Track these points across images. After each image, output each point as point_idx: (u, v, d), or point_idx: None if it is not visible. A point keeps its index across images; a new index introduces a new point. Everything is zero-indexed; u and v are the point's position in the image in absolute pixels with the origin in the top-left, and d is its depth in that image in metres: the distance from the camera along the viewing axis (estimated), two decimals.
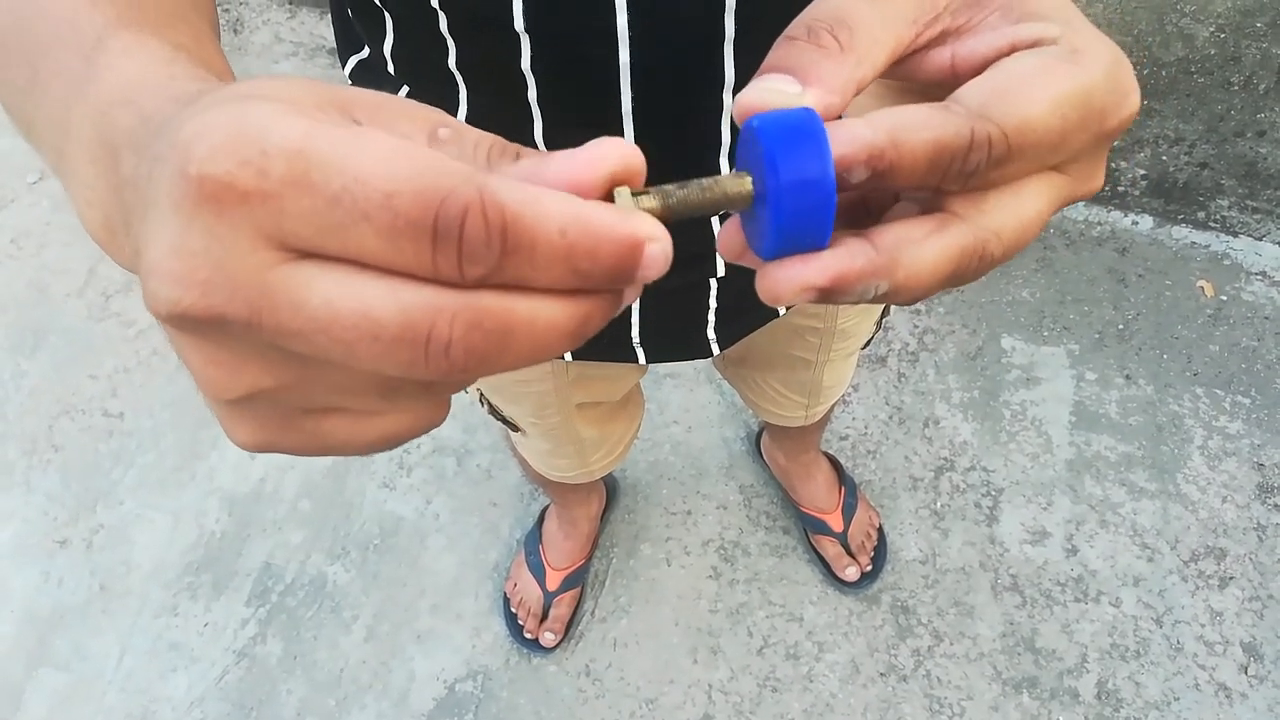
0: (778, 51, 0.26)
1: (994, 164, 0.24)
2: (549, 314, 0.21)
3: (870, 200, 0.30)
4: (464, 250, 0.19)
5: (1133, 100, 0.26)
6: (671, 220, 0.24)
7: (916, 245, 0.24)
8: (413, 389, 0.23)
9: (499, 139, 0.23)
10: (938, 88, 0.29)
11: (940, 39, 0.27)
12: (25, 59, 0.32)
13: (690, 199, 0.24)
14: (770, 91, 0.25)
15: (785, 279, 0.24)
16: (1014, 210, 0.26)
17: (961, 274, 0.26)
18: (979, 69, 0.26)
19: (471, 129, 0.23)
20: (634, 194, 0.23)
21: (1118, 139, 0.27)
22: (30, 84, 0.31)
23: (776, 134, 0.23)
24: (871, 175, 0.24)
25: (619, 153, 0.22)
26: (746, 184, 0.25)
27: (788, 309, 0.82)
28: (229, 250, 0.20)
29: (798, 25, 0.26)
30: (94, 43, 0.29)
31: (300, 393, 0.23)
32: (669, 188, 0.24)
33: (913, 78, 0.28)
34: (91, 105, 0.27)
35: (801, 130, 0.24)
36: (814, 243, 0.24)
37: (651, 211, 0.24)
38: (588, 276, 0.21)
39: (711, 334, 0.76)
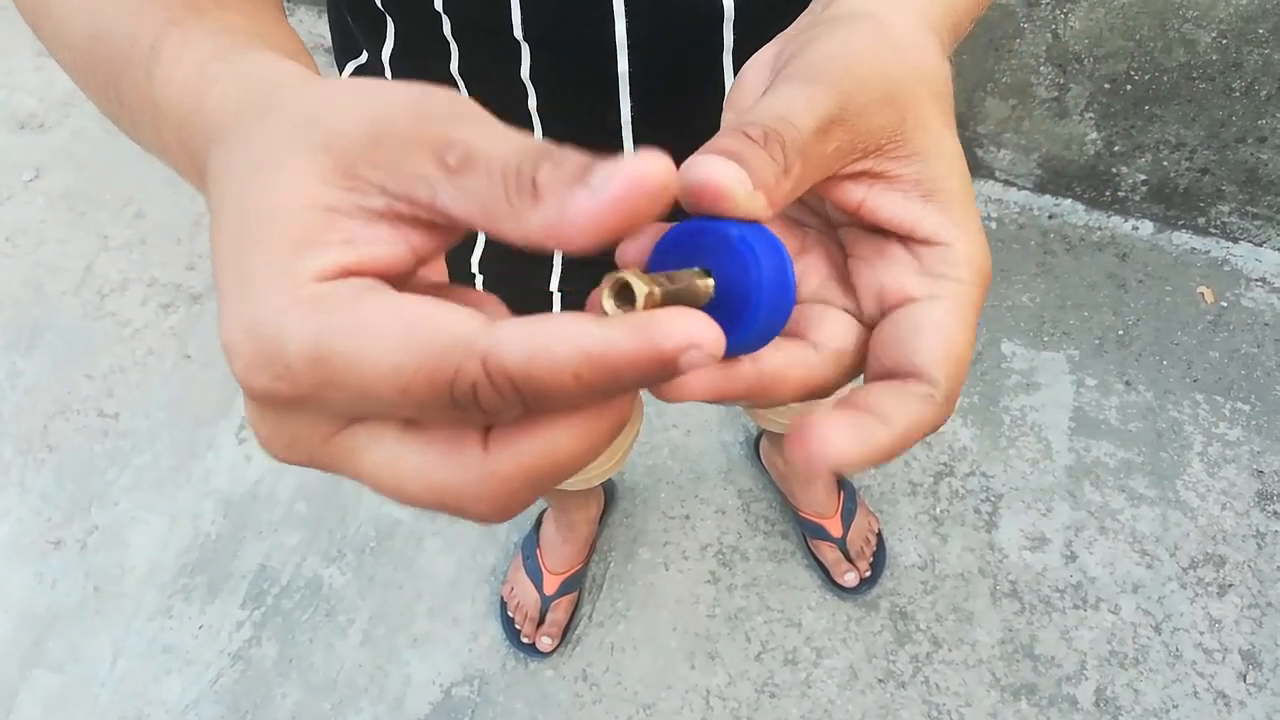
0: (732, 141, 0.26)
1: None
2: (581, 438, 0.22)
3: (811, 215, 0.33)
4: (487, 411, 0.21)
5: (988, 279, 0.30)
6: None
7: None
8: None
9: (512, 154, 0.22)
10: (835, 210, 0.31)
11: (854, 178, 0.28)
12: (108, 84, 0.33)
13: (670, 291, 0.24)
14: (733, 175, 0.25)
15: (816, 455, 0.25)
16: None
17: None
18: (879, 226, 0.29)
19: (482, 146, 0.22)
20: (622, 286, 0.23)
21: None
22: (119, 107, 0.33)
23: (757, 239, 0.25)
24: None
25: (645, 177, 0.21)
26: (710, 285, 0.25)
27: None
28: (295, 430, 0.23)
29: (754, 125, 0.26)
30: (149, 55, 0.30)
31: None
32: (660, 279, 0.24)
33: (821, 194, 0.29)
34: (168, 129, 0.29)
35: (773, 240, 0.25)
36: (750, 350, 0.26)
37: (654, 303, 0.23)
38: (620, 391, 0.21)
39: None
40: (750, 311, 0.25)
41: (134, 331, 1.80)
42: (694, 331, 0.21)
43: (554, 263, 0.64)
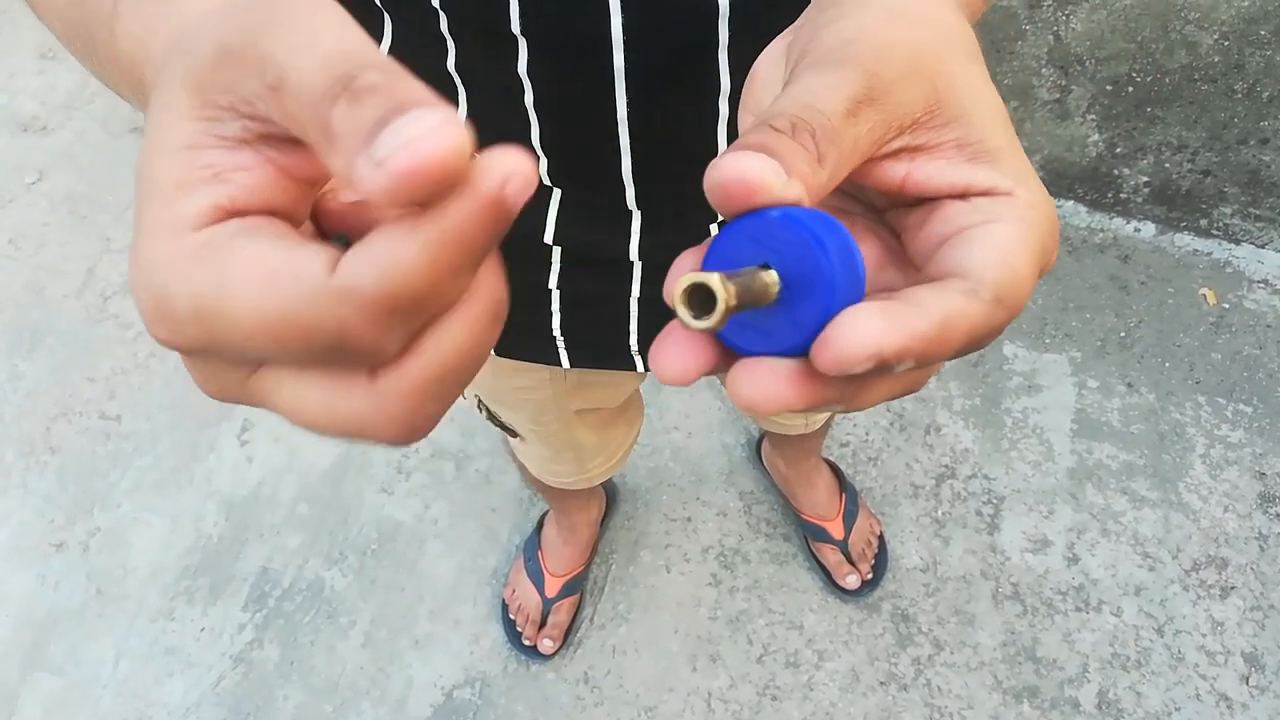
0: (759, 136, 0.25)
1: (994, 339, 0.25)
2: (465, 337, 0.22)
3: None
4: (366, 347, 0.21)
5: (1058, 246, 0.27)
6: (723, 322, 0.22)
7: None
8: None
9: (316, 81, 0.21)
10: (877, 195, 0.29)
11: (895, 155, 0.27)
12: (89, 48, 0.33)
13: (740, 295, 0.23)
14: (762, 164, 0.24)
15: (849, 347, 0.22)
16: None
17: (893, 399, 0.27)
18: (928, 196, 0.27)
19: (289, 65, 0.21)
20: (694, 291, 0.22)
21: None
22: (100, 69, 0.33)
23: (823, 229, 0.23)
24: (912, 364, 0.23)
25: (428, 160, 0.19)
26: (774, 277, 0.24)
27: None
28: (216, 372, 0.24)
29: (780, 117, 0.25)
30: (111, 10, 0.30)
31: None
32: (731, 283, 0.23)
33: (859, 181, 0.28)
34: (130, 86, 0.29)
35: (836, 227, 0.24)
36: None
37: (728, 309, 0.22)
38: (480, 252, 0.21)
39: None
40: (824, 291, 0.23)
41: (136, 334, 1.80)
42: (505, 163, 0.21)
43: (552, 259, 0.63)
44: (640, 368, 0.76)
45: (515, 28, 0.48)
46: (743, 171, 0.24)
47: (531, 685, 1.45)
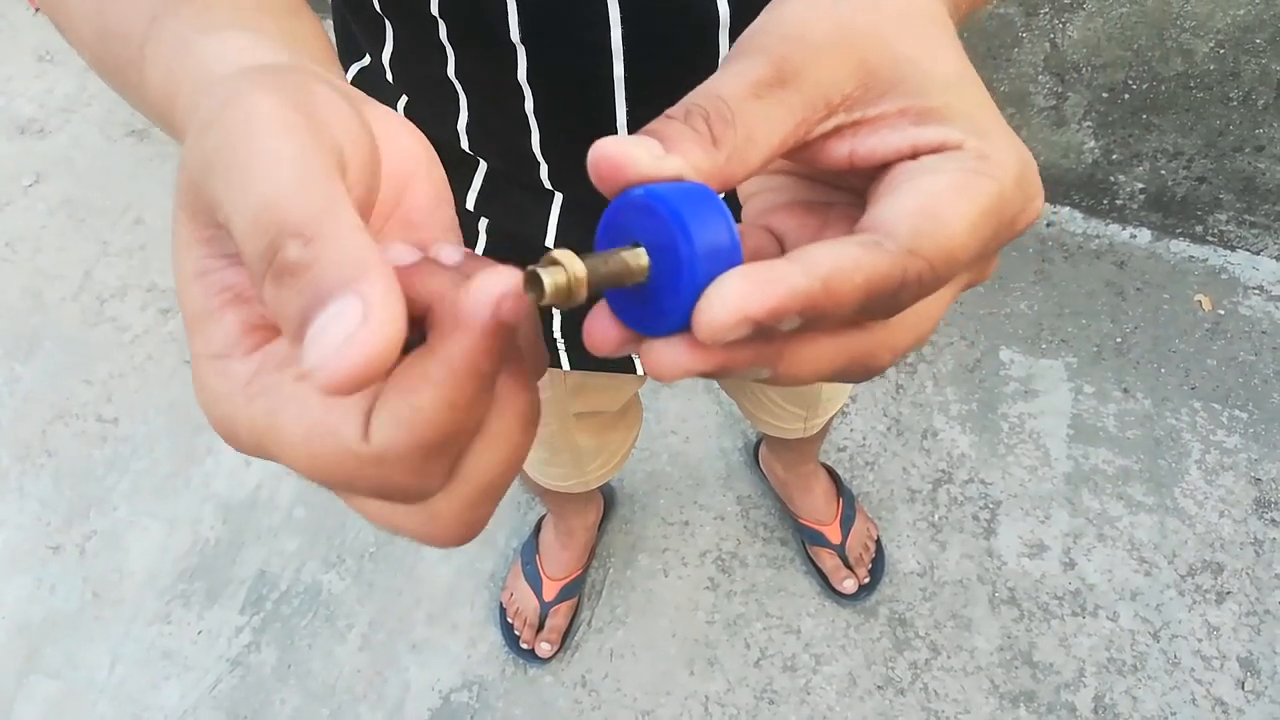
0: (652, 124, 0.25)
1: (919, 296, 0.24)
2: (501, 452, 0.24)
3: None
4: (413, 493, 0.22)
5: (1038, 203, 0.26)
6: (578, 299, 0.23)
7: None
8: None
9: (247, 241, 0.21)
10: (831, 175, 0.29)
11: (836, 133, 0.26)
12: (122, 83, 0.34)
13: (596, 273, 0.23)
14: (635, 143, 0.23)
15: (716, 317, 0.22)
16: (914, 327, 0.26)
17: (846, 378, 0.26)
18: (878, 166, 0.26)
19: (229, 215, 0.21)
20: (540, 268, 0.22)
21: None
22: (138, 103, 0.33)
23: (681, 202, 0.23)
24: (799, 320, 0.22)
25: (354, 370, 0.19)
26: (642, 258, 0.23)
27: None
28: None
29: (678, 107, 0.25)
30: (139, 58, 0.31)
31: None
32: (574, 260, 0.23)
33: (808, 165, 0.28)
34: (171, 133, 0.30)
35: (703, 198, 0.23)
36: None
37: (559, 289, 0.22)
38: (488, 380, 0.22)
39: None
40: (685, 266, 0.22)
41: (133, 337, 1.80)
42: (494, 288, 0.21)
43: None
44: (640, 371, 0.76)
45: (515, 36, 0.48)
46: (614, 149, 0.23)
47: (529, 689, 1.45)
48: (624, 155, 0.23)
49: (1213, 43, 1.48)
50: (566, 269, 0.22)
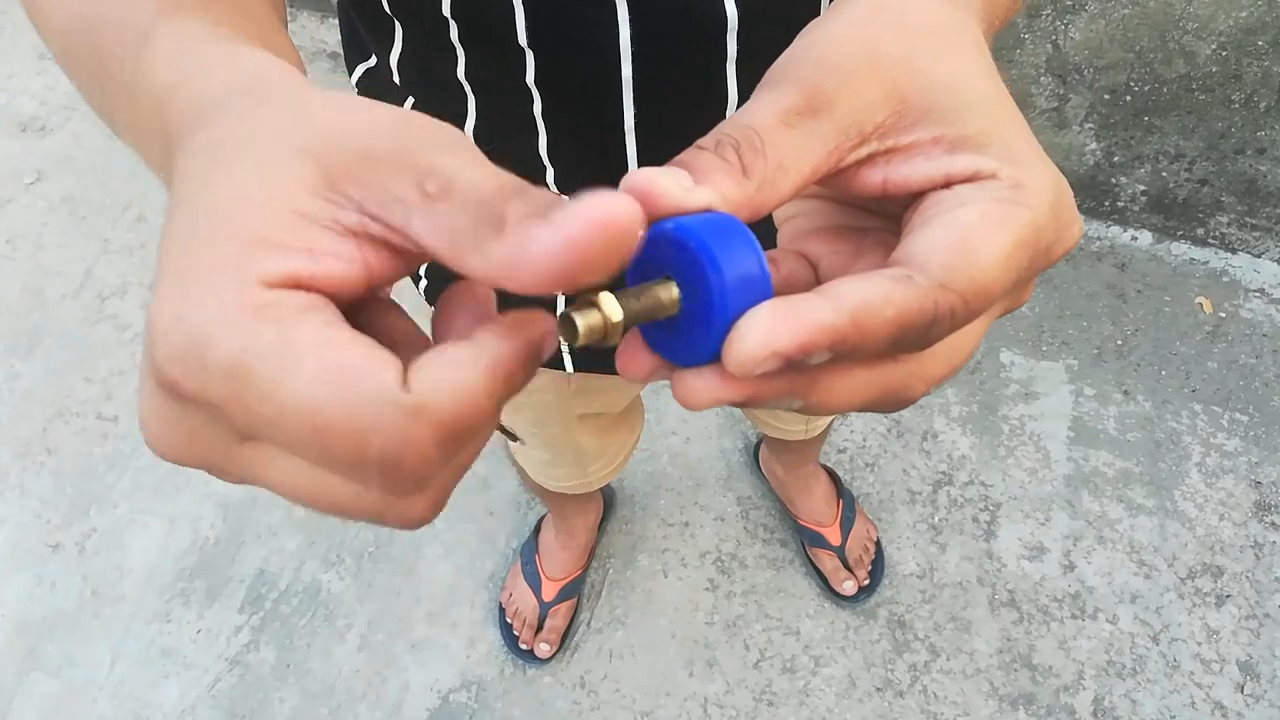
0: (683, 154, 0.25)
1: (952, 330, 0.24)
2: (477, 448, 0.24)
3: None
4: (424, 470, 0.21)
5: (1075, 230, 0.26)
6: (612, 341, 0.23)
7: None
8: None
9: (487, 188, 0.22)
10: (866, 201, 0.29)
11: (869, 161, 0.26)
12: (95, 71, 0.33)
13: (630, 310, 0.23)
14: (665, 174, 0.24)
15: (745, 351, 0.22)
16: (946, 359, 0.26)
17: (878, 408, 0.26)
18: (912, 195, 0.26)
19: (461, 176, 0.22)
20: (574, 311, 0.23)
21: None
22: (100, 93, 0.33)
23: (710, 235, 0.23)
24: (830, 355, 0.23)
25: (607, 219, 0.20)
26: (673, 291, 0.24)
27: None
28: (198, 429, 0.22)
29: (708, 137, 0.25)
30: (137, 40, 0.30)
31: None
32: (612, 302, 0.23)
33: (841, 193, 0.28)
34: (147, 103, 0.28)
35: (731, 230, 0.23)
36: None
37: (594, 331, 0.23)
38: (516, 389, 0.23)
39: None
40: (716, 298, 0.23)
41: (134, 335, 1.80)
42: (547, 322, 0.22)
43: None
44: None
45: (522, 40, 0.48)
46: (644, 181, 0.23)
47: (528, 689, 1.45)
48: (654, 187, 0.23)
49: (1215, 45, 1.48)
50: (602, 311, 0.23)
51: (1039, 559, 1.51)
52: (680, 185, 0.24)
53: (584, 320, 0.23)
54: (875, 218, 0.30)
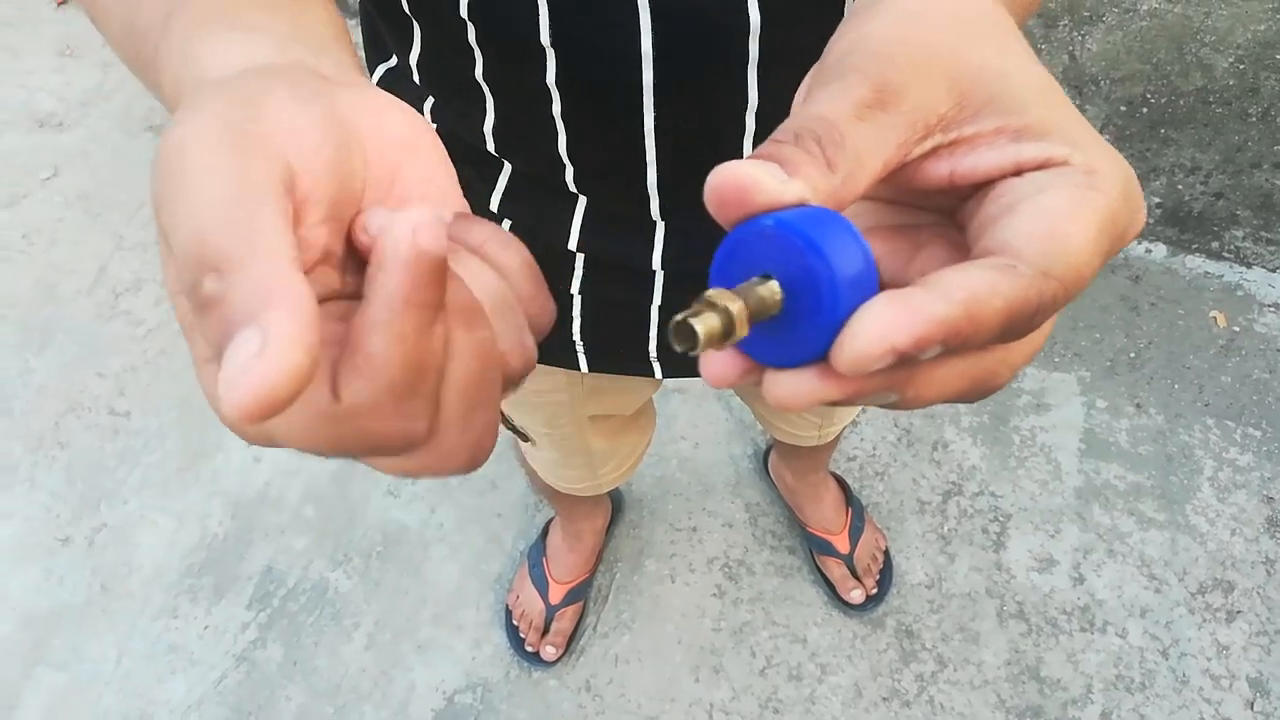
0: (763, 148, 0.25)
1: (1051, 314, 0.24)
2: (475, 366, 0.25)
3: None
4: (399, 439, 0.23)
5: (1142, 215, 0.26)
6: (734, 342, 0.23)
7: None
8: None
9: (179, 267, 0.22)
10: (919, 195, 0.29)
11: (934, 154, 0.26)
12: (145, 77, 0.35)
13: (748, 310, 0.23)
14: (757, 167, 0.23)
15: (861, 349, 0.22)
16: (1030, 344, 0.26)
17: (967, 398, 0.26)
18: (979, 184, 0.26)
19: (175, 239, 0.22)
20: (691, 317, 0.22)
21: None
22: (150, 85, 0.34)
23: (817, 231, 0.22)
24: (940, 349, 0.23)
25: (267, 388, 0.20)
26: (776, 291, 0.23)
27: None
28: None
29: (785, 130, 0.25)
30: (153, 55, 0.31)
31: None
32: (733, 299, 0.22)
33: (905, 186, 0.28)
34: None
35: (835, 225, 0.23)
36: None
37: (714, 335, 0.22)
38: (436, 297, 0.23)
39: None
40: (825, 294, 0.22)
41: (147, 331, 1.81)
42: (406, 221, 0.22)
43: (575, 266, 0.63)
44: (658, 374, 0.76)
45: (545, 39, 0.48)
46: (737, 175, 0.23)
47: (533, 692, 1.45)
48: (750, 180, 0.23)
49: (1232, 58, 1.47)
50: (724, 314, 0.22)
51: (1048, 571, 1.51)
52: (776, 179, 0.23)
53: (704, 325, 0.22)
54: (926, 213, 0.30)
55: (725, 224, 0.24)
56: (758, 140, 0.54)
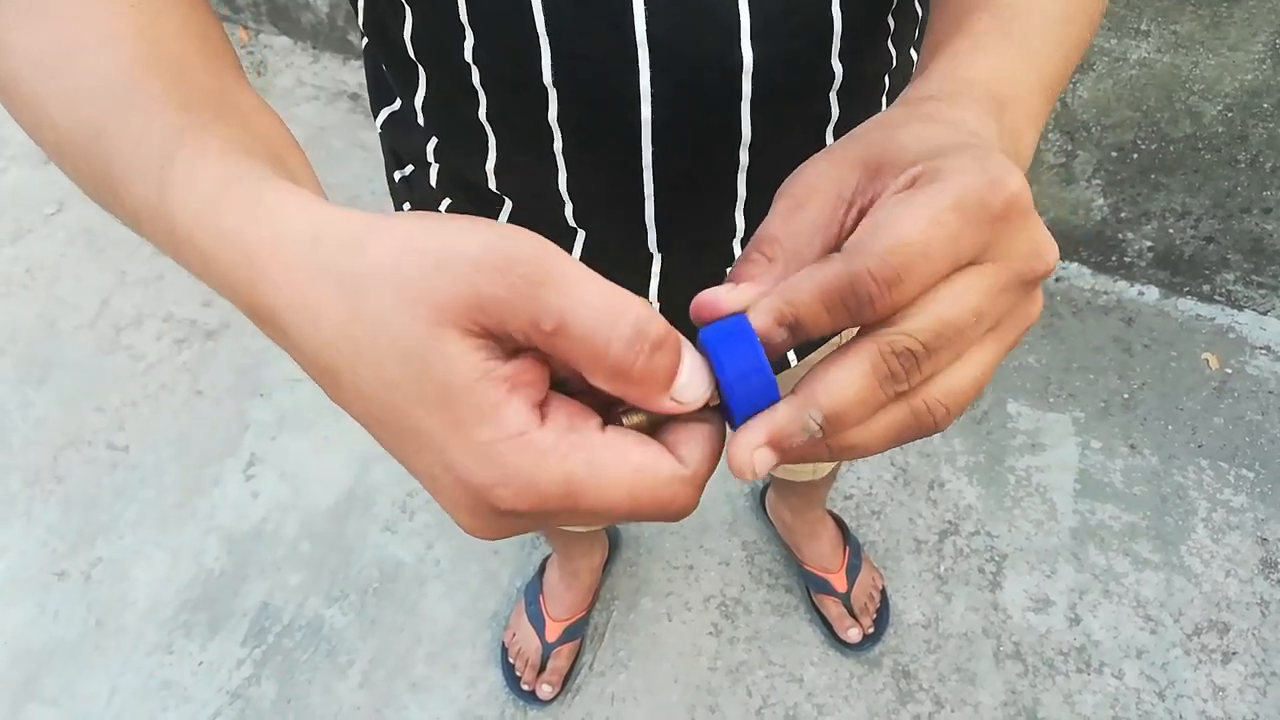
0: (733, 268, 0.33)
1: (885, 289, 0.28)
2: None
3: None
4: (692, 506, 0.30)
5: (1011, 179, 0.29)
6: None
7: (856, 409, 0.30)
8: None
9: (600, 326, 0.27)
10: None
11: (861, 214, 0.32)
12: (104, 181, 0.36)
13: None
14: (714, 291, 0.31)
15: (739, 448, 0.30)
16: (961, 377, 0.30)
17: (907, 439, 0.31)
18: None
19: (572, 315, 0.27)
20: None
21: (1028, 217, 0.30)
22: (115, 203, 0.36)
23: (717, 340, 0.30)
24: (790, 333, 0.29)
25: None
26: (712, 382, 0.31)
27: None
28: (519, 524, 0.29)
29: (745, 250, 0.33)
30: (160, 175, 0.33)
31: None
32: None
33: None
34: (189, 252, 0.32)
35: (734, 332, 0.30)
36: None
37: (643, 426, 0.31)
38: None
39: None
40: (726, 393, 0.30)
41: (147, 366, 1.82)
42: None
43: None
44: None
45: (546, 79, 0.50)
46: (700, 303, 0.32)
47: None
48: (711, 296, 0.31)
49: (1221, 106, 1.50)
50: (645, 417, 0.31)
51: (1045, 611, 1.51)
52: (728, 291, 0.31)
53: (630, 421, 0.31)
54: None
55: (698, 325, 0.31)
56: (751, 175, 0.56)
